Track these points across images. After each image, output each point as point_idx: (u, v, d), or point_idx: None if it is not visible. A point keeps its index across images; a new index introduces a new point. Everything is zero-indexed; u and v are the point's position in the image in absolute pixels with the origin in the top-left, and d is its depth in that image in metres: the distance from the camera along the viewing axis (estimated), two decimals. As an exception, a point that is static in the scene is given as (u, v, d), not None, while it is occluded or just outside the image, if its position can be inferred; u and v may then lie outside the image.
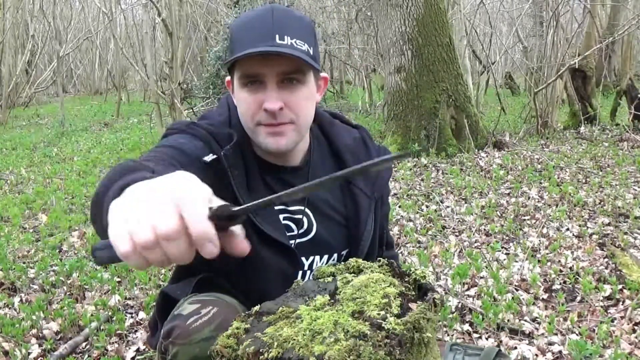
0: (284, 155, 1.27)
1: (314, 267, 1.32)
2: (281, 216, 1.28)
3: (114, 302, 2.60)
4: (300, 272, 1.30)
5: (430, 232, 3.53)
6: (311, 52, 1.17)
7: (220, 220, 0.66)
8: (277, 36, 1.13)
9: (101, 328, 2.35)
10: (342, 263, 1.20)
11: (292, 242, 1.28)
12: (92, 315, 2.45)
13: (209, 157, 1.15)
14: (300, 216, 1.30)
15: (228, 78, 1.26)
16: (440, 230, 3.55)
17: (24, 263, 3.13)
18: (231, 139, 1.20)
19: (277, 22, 1.14)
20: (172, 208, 0.62)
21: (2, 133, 9.96)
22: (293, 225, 1.30)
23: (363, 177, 1.35)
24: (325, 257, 1.34)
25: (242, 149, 1.22)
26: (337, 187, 1.35)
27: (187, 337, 1.04)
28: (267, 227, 1.23)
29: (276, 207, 1.28)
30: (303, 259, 1.30)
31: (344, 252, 1.36)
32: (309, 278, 1.27)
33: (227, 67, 1.22)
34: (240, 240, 0.70)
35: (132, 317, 2.53)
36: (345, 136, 1.37)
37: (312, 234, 1.31)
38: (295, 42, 1.14)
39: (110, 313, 2.51)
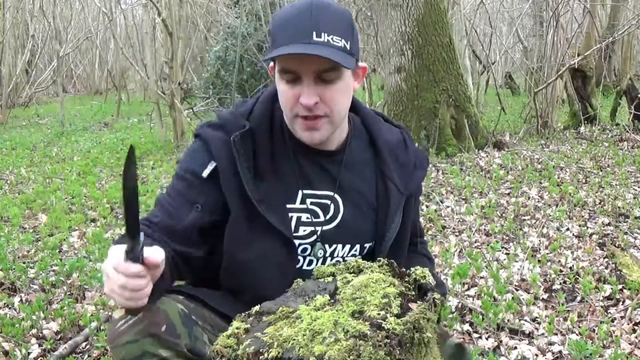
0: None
1: (335, 256, 1.33)
2: (308, 201, 1.30)
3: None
4: (297, 264, 1.30)
5: (430, 232, 3.53)
6: (348, 47, 1.20)
7: (134, 253, 0.97)
8: (314, 33, 1.16)
9: (101, 328, 2.34)
10: (342, 263, 1.20)
11: (317, 228, 1.30)
12: (92, 315, 2.44)
13: (205, 172, 1.26)
14: (328, 201, 1.32)
15: (272, 64, 1.29)
16: (440, 230, 3.55)
17: (24, 263, 3.13)
18: (243, 129, 1.27)
19: (315, 18, 1.17)
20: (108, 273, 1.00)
21: (2, 133, 9.95)
22: (319, 211, 1.31)
23: (399, 173, 1.38)
24: (348, 246, 1.35)
25: (254, 137, 1.28)
26: (372, 178, 1.38)
27: (114, 340, 1.11)
28: (272, 217, 1.24)
29: (304, 191, 1.30)
30: (326, 246, 1.32)
31: (367, 245, 1.36)
32: (329, 264, 1.28)
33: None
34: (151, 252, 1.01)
35: (132, 317, 2.53)
36: (387, 134, 1.42)
37: (338, 220, 1.33)
38: (332, 38, 1.17)
39: (110, 313, 2.50)
